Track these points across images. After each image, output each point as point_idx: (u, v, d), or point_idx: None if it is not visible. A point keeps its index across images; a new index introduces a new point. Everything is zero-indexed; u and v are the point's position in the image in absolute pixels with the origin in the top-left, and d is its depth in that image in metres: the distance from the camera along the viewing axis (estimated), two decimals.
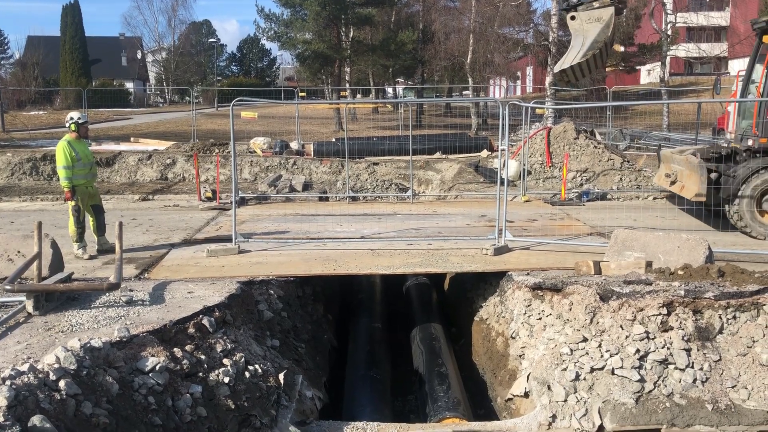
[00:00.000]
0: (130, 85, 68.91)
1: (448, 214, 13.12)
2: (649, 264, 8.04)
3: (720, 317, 6.74)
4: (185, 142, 24.88)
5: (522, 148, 16.45)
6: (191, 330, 6.13)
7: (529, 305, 7.74)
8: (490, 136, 23.60)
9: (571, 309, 7.07)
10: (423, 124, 35.78)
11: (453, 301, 11.63)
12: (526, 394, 6.83)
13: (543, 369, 6.70)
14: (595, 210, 12.97)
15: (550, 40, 27.14)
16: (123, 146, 24.41)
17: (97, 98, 44.41)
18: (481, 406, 8.11)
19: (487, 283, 9.34)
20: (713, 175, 10.57)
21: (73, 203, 9.31)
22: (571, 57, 10.81)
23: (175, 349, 5.68)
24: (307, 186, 16.72)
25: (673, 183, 11.45)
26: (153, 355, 5.41)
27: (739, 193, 10.34)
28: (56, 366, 4.57)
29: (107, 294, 7.07)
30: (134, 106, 58.87)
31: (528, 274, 8.35)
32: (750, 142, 10.41)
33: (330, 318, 10.29)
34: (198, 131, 27.56)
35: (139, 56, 75.44)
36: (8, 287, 6.58)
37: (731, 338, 6.63)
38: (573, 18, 10.73)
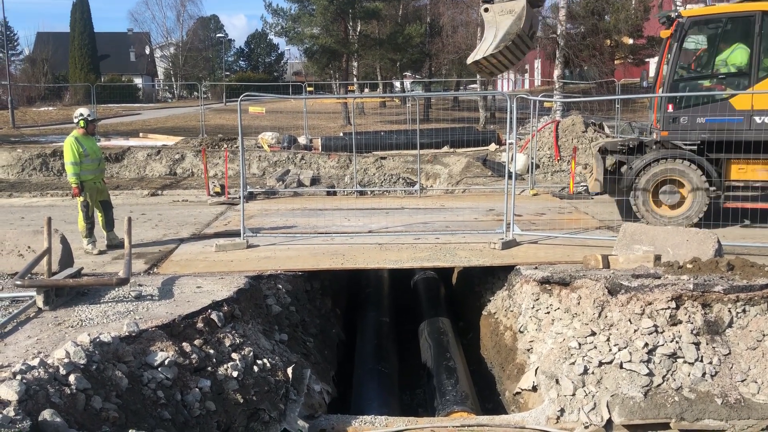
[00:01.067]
0: (138, 81, 69.13)
1: (456, 208, 13.11)
2: (657, 257, 8.00)
3: (729, 311, 6.70)
4: (194, 137, 24.95)
5: (530, 141, 16.40)
6: (200, 324, 6.16)
7: (537, 299, 7.73)
8: (498, 130, 23.53)
9: (579, 303, 7.06)
10: (431, 118, 35.72)
11: (461, 295, 11.62)
12: (535, 388, 6.84)
13: (551, 363, 6.69)
14: (603, 204, 12.90)
15: (558, 33, 27.01)
16: (132, 142, 24.51)
17: (106, 94, 44.61)
18: (490, 400, 8.11)
19: (495, 277, 9.33)
20: (624, 168, 10.93)
21: (81, 199, 9.36)
22: (483, 49, 10.71)
23: (184, 344, 5.71)
24: (315, 181, 16.74)
25: (590, 174, 11.65)
26: (162, 350, 5.44)
27: (635, 185, 10.57)
28: (66, 361, 4.60)
29: (116, 289, 7.11)
30: (143, 101, 59.04)
31: (536, 268, 8.33)
32: (654, 135, 10.62)
33: (338, 312, 10.32)
34: (206, 126, 27.63)
35: (147, 52, 75.62)
36: (19, 282, 6.64)
37: (741, 332, 6.60)
38: (486, 10, 10.63)
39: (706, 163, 10.35)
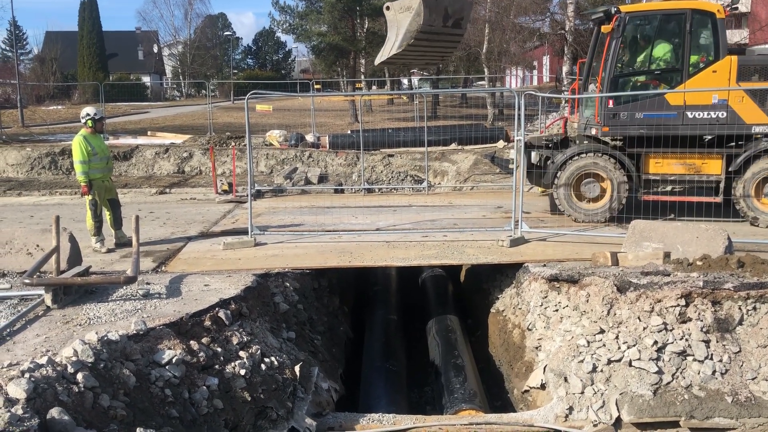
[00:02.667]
0: (146, 79, 69.31)
1: (464, 205, 13.07)
2: (667, 255, 7.95)
3: (740, 308, 6.65)
4: (202, 135, 25.01)
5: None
6: (207, 323, 6.16)
7: (545, 297, 7.70)
8: (506, 127, 23.44)
9: (588, 300, 7.02)
10: (438, 115, 35.64)
11: (469, 293, 11.60)
12: (543, 386, 6.81)
13: (560, 361, 6.66)
14: None
15: (567, 29, 26.88)
16: (140, 140, 24.58)
17: (114, 92, 44.74)
18: (498, 398, 8.09)
19: (503, 274, 9.30)
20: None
21: (90, 197, 9.38)
22: (387, 49, 10.66)
23: (192, 342, 5.71)
24: (322, 178, 16.74)
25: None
26: (170, 348, 5.44)
27: (557, 179, 10.82)
28: (74, 359, 4.61)
29: (124, 287, 7.13)
30: (151, 99, 59.21)
31: (544, 265, 8.30)
32: (594, 131, 10.77)
33: (346, 310, 10.32)
34: (214, 124, 27.67)
35: (155, 50, 75.82)
36: (27, 281, 6.66)
37: (751, 329, 6.55)
38: (387, 8, 10.55)
39: (626, 158, 10.61)
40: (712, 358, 6.32)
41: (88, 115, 9.48)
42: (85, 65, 62.94)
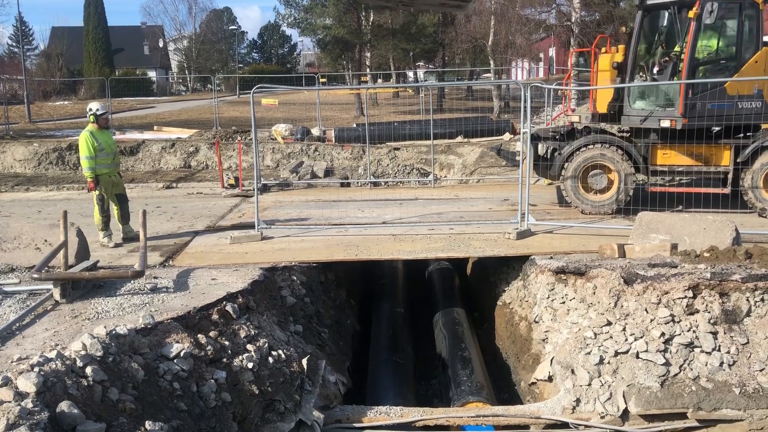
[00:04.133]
0: (152, 74, 69.37)
1: (470, 198, 13.05)
2: (674, 246, 7.92)
3: (747, 300, 6.63)
4: (208, 129, 25.04)
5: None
6: (215, 316, 6.19)
7: (552, 289, 7.69)
8: (512, 119, 23.37)
9: (594, 292, 7.01)
10: (444, 107, 35.56)
11: (475, 286, 11.60)
12: (550, 378, 6.81)
13: (567, 353, 6.66)
14: None
15: (573, 21, 26.73)
16: (146, 135, 24.62)
17: (120, 87, 44.79)
18: (505, 391, 8.10)
19: (509, 267, 9.29)
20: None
21: (97, 192, 9.42)
22: None
23: (200, 336, 5.74)
24: (328, 172, 16.74)
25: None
26: (177, 342, 5.47)
27: (564, 171, 10.73)
28: (83, 353, 4.64)
29: (132, 281, 7.15)
30: (157, 94, 59.25)
31: (551, 257, 8.28)
32: (668, 123, 10.28)
33: (353, 303, 10.33)
34: (220, 119, 27.69)
35: (160, 45, 75.84)
36: (36, 276, 6.70)
37: (759, 321, 6.53)
38: None
39: (633, 149, 10.53)
40: (719, 350, 6.31)
41: (90, 110, 9.52)
42: (91, 60, 63.04)
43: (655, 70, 11.11)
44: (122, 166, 17.80)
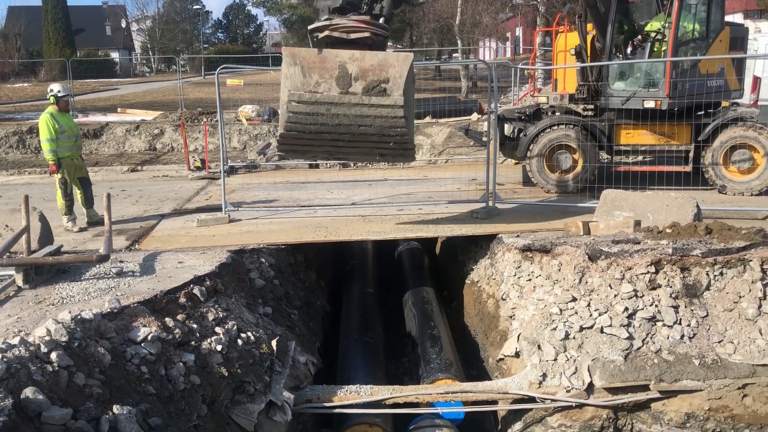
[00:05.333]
0: (115, 55, 67.79)
1: (439, 178, 13.10)
2: (637, 223, 8.08)
3: (707, 274, 6.80)
4: (173, 111, 24.61)
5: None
6: (182, 299, 6.15)
7: (519, 267, 7.79)
8: (480, 99, 23.45)
9: (560, 269, 7.12)
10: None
11: (445, 265, 11.70)
12: (517, 354, 6.92)
13: (533, 329, 6.78)
14: None
15: (539, 0, 26.81)
16: (110, 117, 24.13)
17: (82, 69, 43.67)
18: (474, 367, 8.22)
19: (477, 246, 9.38)
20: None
21: (59, 176, 9.24)
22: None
23: (167, 319, 5.70)
24: None
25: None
26: (145, 325, 5.42)
27: (530, 151, 10.87)
28: (47, 338, 4.58)
29: (97, 266, 7.06)
30: (120, 76, 57.98)
31: (518, 236, 8.39)
32: (652, 103, 10.35)
33: (323, 284, 10.35)
34: (185, 100, 27.25)
35: (123, 25, 74.13)
36: None
37: (718, 294, 6.71)
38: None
39: (597, 129, 10.67)
40: (680, 323, 6.48)
41: (51, 90, 9.32)
42: (50, 41, 61.27)
43: (629, 50, 11.24)
44: (85, 150, 17.46)
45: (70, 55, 46.61)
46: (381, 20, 7.61)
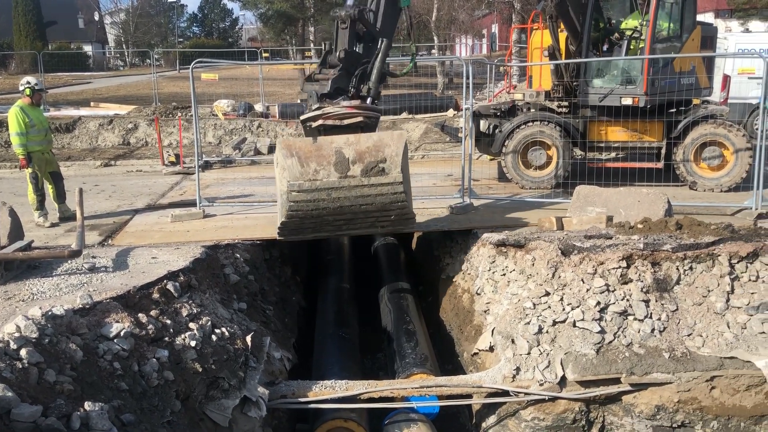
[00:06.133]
0: (88, 48, 66.78)
1: (415, 174, 12.95)
2: (609, 218, 8.18)
3: (677, 268, 6.91)
4: (147, 105, 24.30)
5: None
6: (156, 295, 6.10)
7: (493, 261, 7.85)
8: (456, 96, 23.51)
9: (533, 264, 7.19)
10: (388, 83, 35.40)
11: (420, 260, 11.74)
12: (491, 348, 6.99)
13: (507, 323, 6.84)
14: None
15: None
16: (83, 111, 23.76)
17: (54, 62, 42.98)
18: (449, 362, 8.27)
19: (453, 241, 9.44)
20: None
21: (30, 170, 9.11)
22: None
23: (140, 315, 5.65)
24: (272, 148, 16.53)
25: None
26: (117, 321, 5.37)
27: (505, 147, 10.98)
28: (17, 335, 4.51)
29: (69, 261, 6.97)
30: (93, 69, 57.09)
31: (492, 231, 8.45)
32: (630, 101, 10.45)
33: (298, 280, 10.33)
34: (160, 95, 26.95)
35: (96, 18, 73.05)
36: None
37: (688, 288, 6.82)
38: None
39: (571, 126, 10.82)
40: (651, 317, 6.58)
41: (28, 83, 9.16)
42: (21, 33, 60.12)
43: (605, 48, 11.37)
44: (57, 144, 17.22)
45: (41, 48, 45.76)
46: (369, 100, 7.72)
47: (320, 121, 7.35)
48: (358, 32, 7.72)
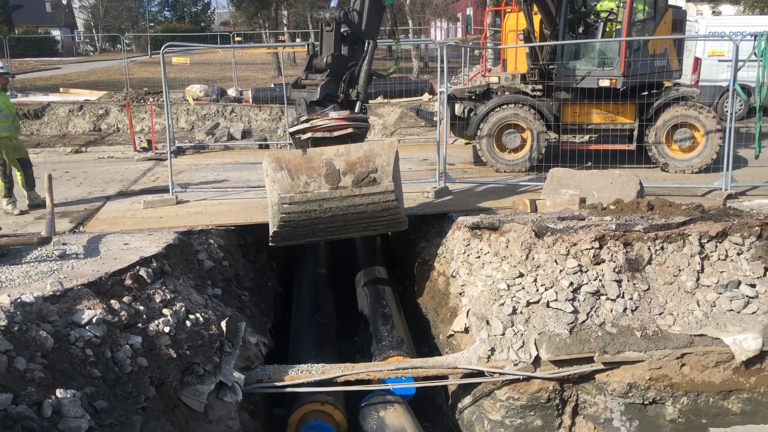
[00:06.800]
0: (56, 33, 65.39)
1: None
2: (583, 200, 8.26)
3: (649, 249, 7.01)
4: (118, 91, 23.94)
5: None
6: (128, 281, 6.04)
7: (468, 244, 7.89)
8: (431, 80, 23.48)
9: (507, 246, 7.24)
10: None
11: (397, 245, 11.75)
12: (467, 330, 7.04)
13: (482, 305, 6.89)
14: None
15: None
16: (52, 97, 23.33)
17: (20, 47, 42.07)
18: (425, 344, 8.31)
19: (428, 225, 9.45)
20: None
21: None
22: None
23: (112, 301, 5.59)
24: (246, 134, 16.41)
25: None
26: (89, 308, 5.31)
27: (479, 130, 11.00)
28: None
29: (39, 249, 6.86)
30: (62, 54, 55.96)
31: (467, 214, 8.48)
32: (608, 82, 10.52)
33: (274, 266, 10.28)
34: (131, 80, 26.55)
35: (64, 2, 71.50)
36: None
37: (659, 268, 6.93)
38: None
39: (545, 108, 10.86)
40: (623, 297, 6.67)
41: None
42: None
43: (581, 30, 11.39)
44: (26, 130, 16.91)
45: (7, 33, 44.69)
46: (358, 105, 7.65)
47: (309, 134, 7.33)
48: (343, 33, 7.61)
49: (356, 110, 7.62)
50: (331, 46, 7.46)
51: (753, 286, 6.71)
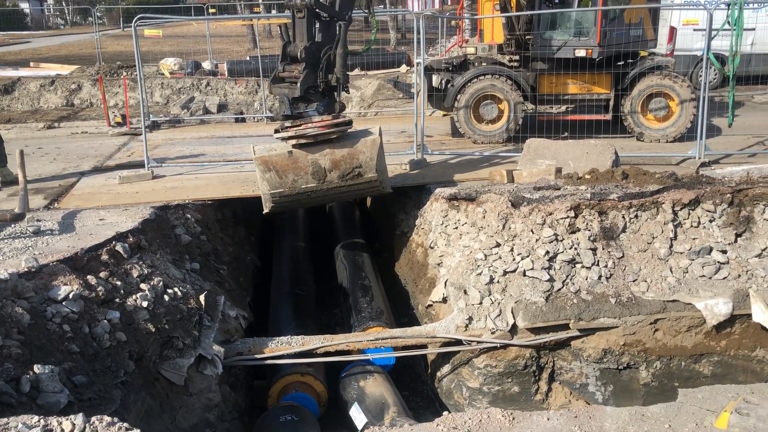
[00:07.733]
0: (25, 6, 63.76)
1: None
2: (558, 170, 8.32)
3: (623, 217, 7.09)
4: (90, 65, 23.46)
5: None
6: (105, 257, 6.00)
7: (446, 215, 7.94)
8: (409, 51, 23.30)
9: (484, 217, 7.29)
10: None
11: (375, 217, 11.79)
12: (445, 300, 7.12)
13: (459, 275, 6.95)
14: None
15: None
16: (22, 72, 22.79)
17: None
18: (405, 315, 8.40)
19: (407, 197, 9.48)
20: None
21: None
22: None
23: (89, 277, 5.56)
24: (222, 107, 16.24)
25: None
26: (65, 284, 5.28)
27: (457, 102, 11.02)
28: None
29: (12, 225, 6.78)
30: (32, 28, 54.66)
31: (445, 186, 8.51)
32: (584, 52, 10.52)
33: (253, 240, 10.28)
34: (104, 54, 26.02)
35: None
36: None
37: (633, 236, 7.03)
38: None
39: (522, 79, 10.87)
40: (598, 264, 6.77)
41: None
42: None
43: (557, 0, 11.35)
44: None
45: None
46: (341, 91, 7.74)
47: (294, 141, 7.40)
48: (316, 17, 7.50)
49: (338, 96, 7.73)
50: (304, 34, 7.37)
51: (724, 252, 6.84)
